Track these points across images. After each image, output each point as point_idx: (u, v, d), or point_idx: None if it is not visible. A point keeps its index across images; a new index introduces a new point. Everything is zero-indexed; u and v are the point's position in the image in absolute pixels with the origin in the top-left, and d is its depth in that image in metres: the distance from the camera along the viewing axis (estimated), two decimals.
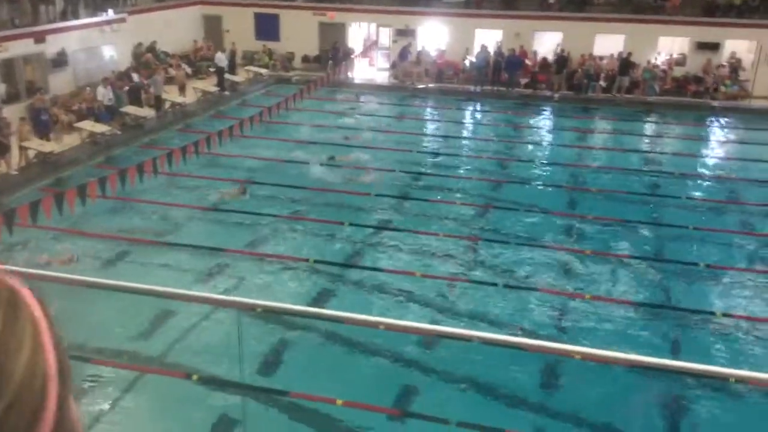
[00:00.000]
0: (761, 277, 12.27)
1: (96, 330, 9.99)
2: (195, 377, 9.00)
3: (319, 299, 11.20)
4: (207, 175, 16.67)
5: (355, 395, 8.62)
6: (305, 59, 29.13)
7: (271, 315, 9.88)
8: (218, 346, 9.33)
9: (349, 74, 27.50)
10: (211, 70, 26.04)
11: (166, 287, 6.75)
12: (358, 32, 29.93)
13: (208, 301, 5.84)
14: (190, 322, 10.26)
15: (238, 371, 8.43)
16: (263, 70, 27.58)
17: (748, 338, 10.41)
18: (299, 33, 28.85)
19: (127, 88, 21.09)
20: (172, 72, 24.63)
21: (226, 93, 24.58)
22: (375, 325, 8.42)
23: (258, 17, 29.53)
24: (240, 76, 26.57)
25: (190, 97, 23.10)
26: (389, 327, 8.13)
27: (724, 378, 7.83)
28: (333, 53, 27.85)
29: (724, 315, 10.85)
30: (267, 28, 29.40)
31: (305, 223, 14.10)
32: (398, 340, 9.73)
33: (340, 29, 28.86)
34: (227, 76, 25.46)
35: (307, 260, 12.40)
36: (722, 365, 9.56)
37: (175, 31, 27.55)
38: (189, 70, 25.98)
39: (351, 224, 13.97)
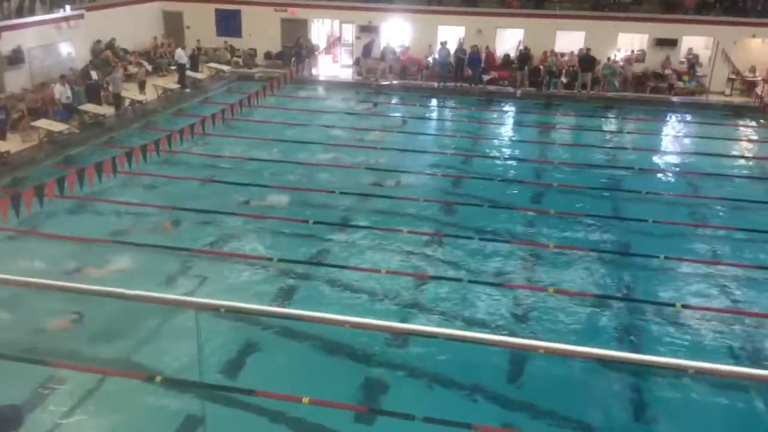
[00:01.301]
0: (718, 269, 12.54)
1: (54, 332, 9.80)
2: (158, 379, 8.88)
3: (284, 298, 11.14)
4: (168, 174, 16.44)
5: (321, 393, 8.59)
6: (268, 56, 28.92)
7: (234, 315, 9.80)
8: (182, 347, 9.21)
9: (313, 71, 27.35)
10: (172, 67, 25.68)
11: (126, 289, 6.63)
12: (321, 28, 29.80)
13: (168, 302, 5.74)
14: (151, 323, 10.11)
15: (205, 371, 8.36)
16: (225, 67, 27.29)
17: (706, 328, 10.63)
18: (261, 29, 28.64)
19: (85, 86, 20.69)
20: (132, 69, 24.23)
21: (188, 90, 24.26)
22: (343, 324, 8.41)
23: (219, 13, 29.21)
24: (202, 73, 26.25)
25: (150, 95, 22.75)
26: (360, 326, 8.13)
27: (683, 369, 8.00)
28: (296, 50, 27.68)
29: (683, 306, 11.08)
30: (228, 24, 29.11)
31: (269, 221, 13.98)
32: (365, 338, 9.73)
33: (302, 25, 28.69)
34: (189, 73, 25.13)
35: (271, 259, 12.31)
36: (681, 356, 9.79)
37: (134, 27, 27.10)
38: (149, 67, 25.59)
39: (315, 222, 13.90)
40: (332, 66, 28.64)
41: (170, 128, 18.00)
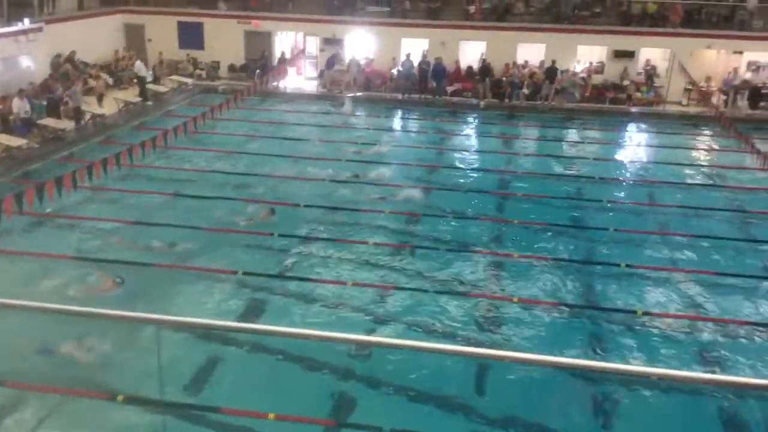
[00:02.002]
0: (679, 275, 12.79)
1: (11, 351, 9.57)
2: (120, 398, 8.72)
3: (249, 312, 11.04)
4: (130, 189, 16.23)
5: (288, 408, 8.53)
6: (231, 68, 28.77)
7: (197, 330, 9.68)
8: (144, 364, 9.05)
9: (277, 83, 27.29)
10: (135, 81, 25.39)
11: (87, 306, 6.51)
12: (285, 41, 29.77)
13: (128, 319, 5.65)
14: (112, 341, 9.93)
15: (168, 389, 8.23)
16: (188, 80, 27.08)
17: (667, 335, 10.82)
18: (224, 42, 28.50)
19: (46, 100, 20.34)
20: (92, 83, 23.91)
21: (149, 103, 23.99)
22: (310, 338, 8.33)
23: (181, 26, 29.01)
24: (164, 86, 26.00)
25: (110, 108, 22.44)
26: (337, 340, 8.06)
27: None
28: (260, 62, 27.61)
29: (645, 313, 11.27)
30: (191, 36, 28.92)
31: (233, 234, 13.87)
32: (330, 351, 9.68)
33: (266, 38, 28.64)
34: (150, 86, 24.87)
35: (235, 272, 12.20)
36: (643, 363, 9.96)
37: (95, 40, 26.78)
38: (110, 80, 25.27)
39: (280, 235, 13.83)
40: (296, 78, 28.62)
41: (132, 142, 17.78)
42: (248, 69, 28.12)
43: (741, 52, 26.90)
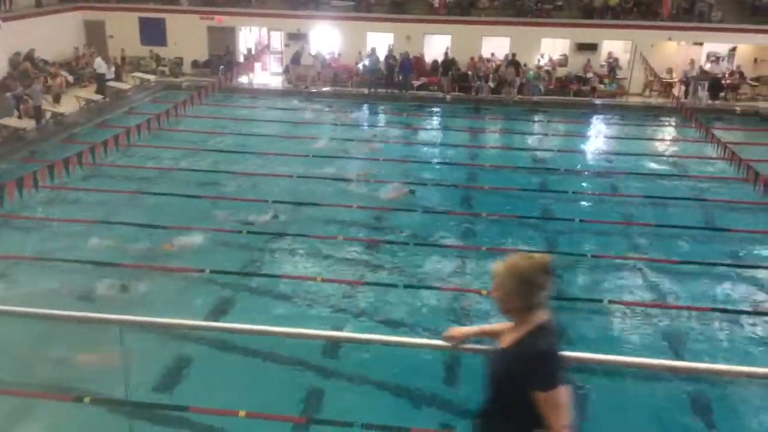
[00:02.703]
0: (642, 264, 12.99)
1: None
2: (87, 399, 8.58)
3: (218, 310, 10.93)
4: (94, 187, 15.96)
5: (258, 406, 8.47)
6: (195, 64, 28.46)
7: (164, 329, 9.55)
8: (112, 365, 8.91)
9: (242, 79, 27.06)
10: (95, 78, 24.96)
11: (51, 308, 6.37)
12: (249, 36, 29.53)
13: (92, 321, 5.55)
14: (77, 343, 9.75)
15: (136, 389, 8.12)
16: (151, 77, 26.71)
17: (633, 323, 11.00)
18: (187, 37, 28.17)
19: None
20: (51, 81, 23.44)
21: (107, 100, 23.53)
22: (281, 334, 8.29)
23: (143, 22, 28.59)
24: (126, 83, 25.60)
25: (70, 107, 22.01)
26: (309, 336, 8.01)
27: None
28: (225, 58, 27.34)
29: (611, 302, 11.44)
30: (153, 32, 28.52)
31: (200, 232, 13.72)
32: (300, 347, 9.63)
33: (229, 33, 28.38)
34: (112, 83, 24.46)
35: (203, 270, 12.07)
36: (611, 351, 10.09)
37: (55, 37, 26.27)
38: (70, 78, 24.80)
39: (249, 232, 13.73)
40: (261, 74, 28.40)
41: (95, 140, 17.47)
42: (212, 65, 27.84)
43: (701, 44, 27.46)
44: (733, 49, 27.81)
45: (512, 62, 25.97)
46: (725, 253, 13.65)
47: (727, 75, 26.72)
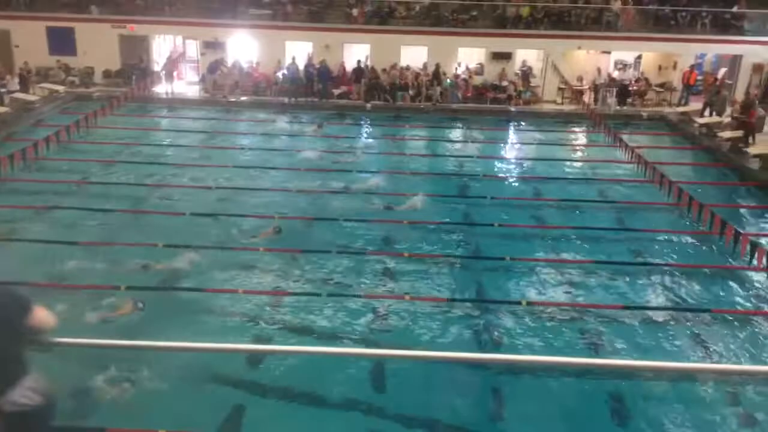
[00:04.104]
0: (558, 266, 13.38)
1: None
2: None
3: (136, 328, 10.55)
4: None
5: (179, 424, 8.24)
6: (107, 74, 27.56)
7: (78, 349, 9.16)
8: None
9: (157, 89, 26.39)
10: (2, 90, 23.80)
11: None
12: (163, 45, 28.87)
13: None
14: None
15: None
16: (60, 87, 25.68)
17: (551, 323, 11.30)
18: (98, 47, 27.27)
19: None
20: None
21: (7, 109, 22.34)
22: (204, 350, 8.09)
23: (51, 31, 27.52)
24: (33, 95, 24.53)
25: None
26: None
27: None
28: (138, 67, 26.61)
29: (529, 303, 11.73)
30: (61, 42, 27.47)
31: (114, 248, 13.25)
32: (220, 361, 9.44)
33: (142, 42, 27.65)
34: (18, 94, 23.40)
35: (118, 287, 11.65)
36: (531, 352, 10.36)
37: None
38: None
39: (166, 245, 13.34)
40: (177, 83, 27.76)
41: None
42: (125, 74, 27.03)
43: (609, 52, 28.63)
44: (639, 57, 29.15)
45: (435, 72, 26.40)
46: (634, 252, 14.23)
47: (633, 82, 27.95)
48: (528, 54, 28.40)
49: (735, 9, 28.03)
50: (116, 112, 21.66)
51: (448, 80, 26.69)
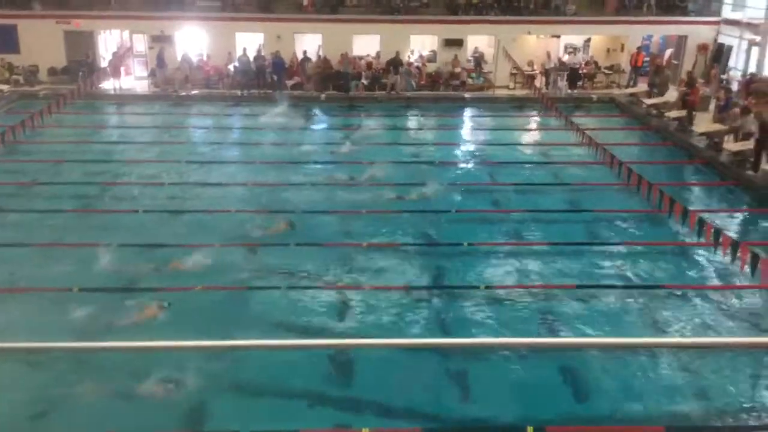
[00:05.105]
0: (516, 249, 13.58)
1: None
2: None
3: (92, 329, 10.37)
4: None
5: (137, 427, 8.16)
6: (52, 71, 26.83)
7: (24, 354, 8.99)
8: None
9: (105, 85, 25.82)
10: None
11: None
12: (110, 40, 28.23)
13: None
14: None
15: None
16: (4, 87, 24.95)
17: (509, 305, 11.47)
18: (42, 44, 26.48)
19: None
20: None
21: None
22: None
23: None
24: None
25: None
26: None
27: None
28: (85, 63, 25.98)
29: (487, 287, 11.88)
30: (3, 40, 26.59)
31: (65, 249, 12.96)
32: (174, 360, 9.34)
33: (88, 38, 26.99)
34: None
35: (70, 289, 11.42)
36: (488, 333, 10.52)
37: None
38: None
39: (120, 245, 13.10)
40: (126, 78, 27.16)
41: None
42: (71, 71, 26.36)
43: (558, 36, 28.98)
44: (588, 41, 29.58)
45: (394, 60, 26.37)
46: (589, 232, 14.52)
47: (583, 65, 28.35)
48: (479, 40, 28.56)
49: None
50: (63, 111, 21.13)
51: (402, 68, 26.68)
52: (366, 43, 27.73)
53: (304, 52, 26.74)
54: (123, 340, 9.83)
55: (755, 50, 25.12)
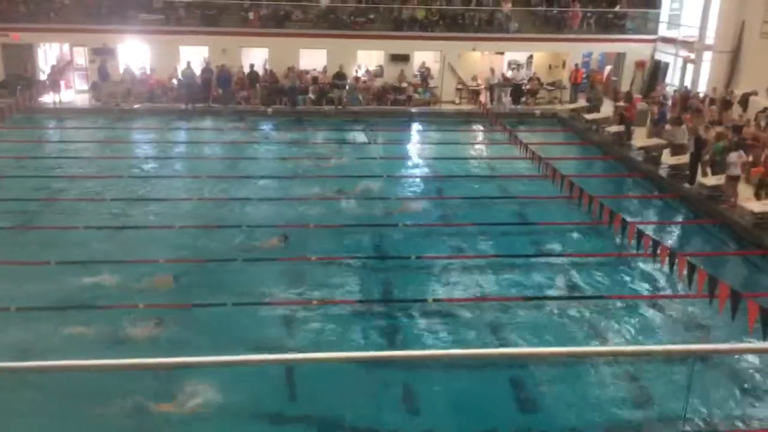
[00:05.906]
0: (463, 262, 13.74)
1: None
2: None
3: (29, 349, 10.03)
4: None
5: None
6: None
7: None
8: None
9: (44, 99, 25.14)
10: None
11: None
12: (49, 53, 27.55)
13: None
14: None
15: None
16: None
17: (456, 318, 11.59)
18: None
19: None
20: None
21: None
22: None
23: None
24: None
25: None
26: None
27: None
28: (23, 77, 25.28)
29: (434, 300, 11.99)
30: None
31: (2, 267, 12.55)
32: (121, 380, 9.12)
33: (27, 51, 26.30)
34: None
35: (8, 309, 11.04)
36: (437, 346, 10.60)
37: None
38: None
39: (59, 262, 12.74)
40: (66, 92, 26.50)
41: None
42: (9, 85, 25.60)
43: (502, 53, 29.56)
44: (530, 57, 30.25)
45: (338, 74, 26.43)
46: (533, 244, 14.80)
47: (526, 81, 28.96)
48: (426, 56, 28.91)
49: (617, 9, 29.60)
50: (1, 125, 20.51)
51: (348, 82, 26.79)
52: (314, 59, 27.75)
53: (251, 66, 26.61)
54: (64, 359, 9.51)
55: (690, 67, 26.14)
